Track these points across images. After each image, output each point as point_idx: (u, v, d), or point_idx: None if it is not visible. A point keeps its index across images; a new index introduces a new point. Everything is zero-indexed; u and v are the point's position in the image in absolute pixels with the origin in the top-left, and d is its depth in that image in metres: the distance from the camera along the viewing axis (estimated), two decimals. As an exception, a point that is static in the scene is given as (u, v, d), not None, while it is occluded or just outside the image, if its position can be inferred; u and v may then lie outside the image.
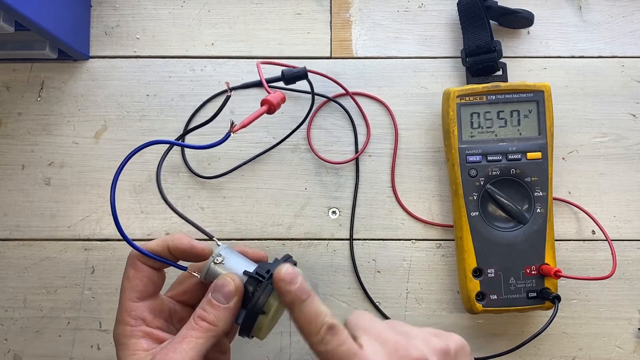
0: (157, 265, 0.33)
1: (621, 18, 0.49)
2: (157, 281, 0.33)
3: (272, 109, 0.37)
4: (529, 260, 0.43)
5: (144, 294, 0.32)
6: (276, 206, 0.47)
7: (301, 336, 0.30)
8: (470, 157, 0.44)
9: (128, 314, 0.32)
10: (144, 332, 0.31)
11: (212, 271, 0.33)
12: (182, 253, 0.33)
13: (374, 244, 0.47)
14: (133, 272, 0.32)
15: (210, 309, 0.31)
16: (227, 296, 0.31)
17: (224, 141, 0.33)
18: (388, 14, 0.50)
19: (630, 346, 0.45)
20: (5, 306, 0.46)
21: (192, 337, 0.30)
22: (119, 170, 0.30)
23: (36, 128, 0.48)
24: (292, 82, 0.44)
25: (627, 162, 0.47)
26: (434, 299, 0.46)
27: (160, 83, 0.49)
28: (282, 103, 0.39)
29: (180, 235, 0.33)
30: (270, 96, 0.37)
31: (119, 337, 0.31)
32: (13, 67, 0.49)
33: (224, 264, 0.33)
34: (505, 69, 0.47)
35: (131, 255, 0.33)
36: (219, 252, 0.33)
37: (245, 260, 0.34)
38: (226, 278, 0.32)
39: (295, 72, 0.44)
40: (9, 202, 0.47)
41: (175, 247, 0.33)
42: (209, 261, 0.33)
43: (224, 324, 0.31)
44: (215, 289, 0.31)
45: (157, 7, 0.50)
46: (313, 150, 0.48)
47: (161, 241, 0.33)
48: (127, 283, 0.32)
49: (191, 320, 0.31)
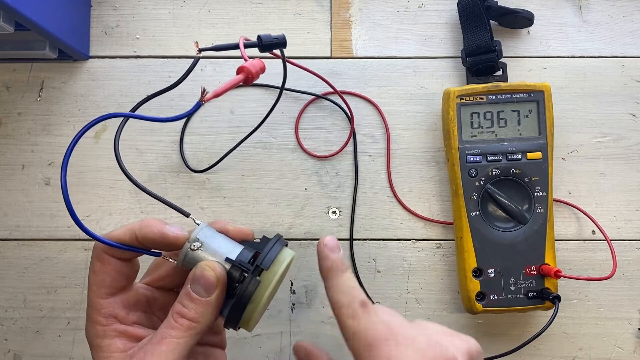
0: (125, 256, 0.29)
1: (621, 18, 0.49)
2: (128, 273, 0.30)
3: (250, 78, 0.32)
4: (529, 260, 0.43)
5: (113, 289, 0.29)
6: (276, 206, 0.47)
7: (331, 307, 0.29)
8: (470, 157, 0.44)
9: (98, 312, 0.28)
10: (117, 331, 0.28)
11: (191, 257, 0.29)
12: (152, 243, 0.28)
13: (374, 244, 0.47)
14: (99, 266, 0.28)
15: (190, 304, 0.27)
16: (207, 288, 0.28)
17: (193, 112, 0.29)
18: (388, 14, 0.50)
19: (630, 346, 0.45)
20: (5, 306, 0.46)
21: (171, 338, 0.27)
22: (72, 145, 0.26)
23: (36, 128, 0.48)
24: (268, 49, 0.38)
25: (627, 162, 0.47)
26: (434, 299, 0.46)
27: (160, 83, 0.49)
28: (262, 73, 0.33)
29: (150, 221, 0.28)
30: (247, 63, 0.32)
31: (91, 338, 0.28)
32: (13, 67, 0.49)
33: (203, 249, 0.29)
34: (505, 69, 0.47)
35: (96, 246, 0.29)
36: (197, 237, 0.29)
37: (227, 241, 0.30)
38: (205, 268, 0.28)
39: (273, 38, 0.38)
40: (9, 202, 0.47)
41: (143, 236, 0.28)
42: (185, 247, 0.29)
43: (207, 320, 0.28)
44: (194, 280, 0.28)
45: (157, 7, 0.50)
46: (300, 144, 0.48)
47: (127, 228, 0.28)
48: (94, 278, 0.29)
49: (170, 317, 0.28)
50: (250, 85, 0.48)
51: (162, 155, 0.48)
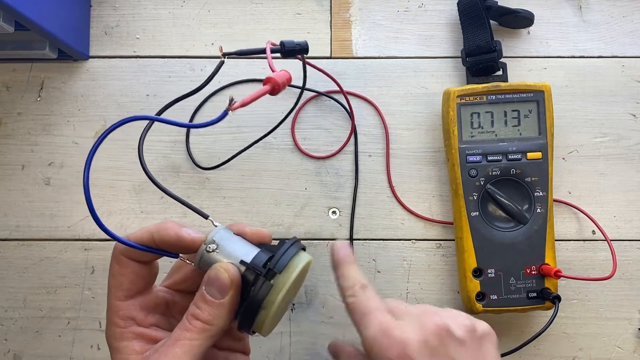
0: (144, 259, 0.29)
1: (621, 18, 0.49)
2: (147, 276, 0.30)
3: (277, 90, 0.32)
4: (529, 260, 0.43)
5: (132, 292, 0.29)
6: (276, 206, 0.47)
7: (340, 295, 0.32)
8: (470, 157, 0.44)
9: (116, 315, 0.29)
10: (135, 334, 0.29)
11: (206, 259, 0.29)
12: (169, 245, 0.29)
13: (374, 244, 0.47)
14: (117, 268, 0.29)
15: (204, 306, 0.28)
16: (221, 290, 0.28)
17: (220, 119, 0.29)
18: (388, 14, 0.50)
19: (630, 346, 0.45)
20: (5, 306, 0.46)
21: (185, 340, 0.27)
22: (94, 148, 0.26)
23: (36, 128, 0.48)
24: (290, 55, 0.39)
25: (627, 162, 0.47)
26: (434, 299, 0.46)
27: (160, 83, 0.49)
28: (288, 84, 0.33)
29: (167, 224, 0.29)
30: (275, 74, 0.32)
31: (110, 340, 0.29)
32: (13, 67, 0.49)
33: (218, 251, 0.29)
34: (505, 69, 0.47)
35: (114, 249, 0.29)
36: (212, 239, 0.29)
37: (244, 243, 0.30)
38: (219, 269, 0.28)
39: (296, 45, 0.39)
40: (9, 202, 0.47)
41: (160, 239, 0.28)
42: (201, 249, 0.29)
43: (221, 322, 0.28)
44: (209, 282, 0.28)
45: (157, 7, 0.50)
46: (296, 144, 0.48)
47: (145, 231, 0.29)
48: (113, 281, 0.29)
49: (184, 320, 0.28)
50: (251, 81, 0.48)
51: (162, 155, 0.48)
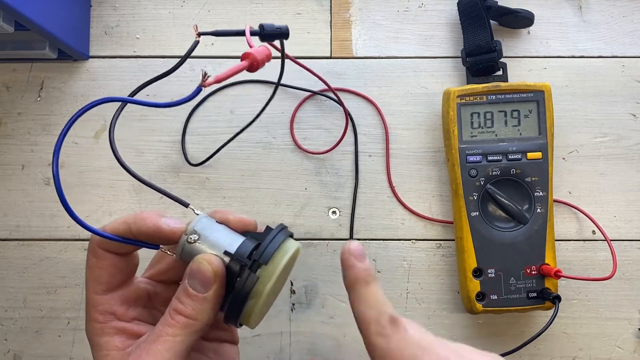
0: (122, 250, 0.28)
1: (621, 18, 0.49)
2: (126, 268, 0.29)
3: (255, 66, 0.30)
4: (529, 260, 0.43)
5: (110, 285, 0.28)
6: (276, 206, 0.47)
7: (356, 322, 0.26)
8: (470, 157, 0.44)
9: (95, 309, 0.27)
10: (116, 329, 0.27)
11: (188, 250, 0.27)
12: (147, 237, 0.27)
13: (374, 244, 0.47)
14: (94, 261, 0.27)
15: (187, 300, 0.26)
16: (204, 284, 0.26)
17: (193, 96, 0.28)
18: (388, 14, 0.50)
19: (630, 346, 0.45)
20: (5, 306, 0.46)
21: (168, 336, 0.26)
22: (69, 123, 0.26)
23: (36, 128, 0.48)
24: (270, 38, 0.36)
25: (627, 162, 0.47)
26: (434, 299, 0.46)
27: (160, 83, 0.48)
28: (267, 61, 0.31)
29: (145, 214, 0.27)
30: (253, 50, 0.30)
31: (90, 336, 0.27)
32: (13, 67, 0.49)
33: (200, 242, 0.27)
34: (505, 69, 0.47)
35: (91, 240, 0.28)
36: (194, 228, 0.27)
37: (228, 232, 0.28)
38: (202, 262, 0.26)
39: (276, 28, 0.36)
40: (9, 202, 0.47)
41: (138, 230, 0.27)
42: (182, 240, 0.27)
43: (206, 316, 0.26)
44: (191, 275, 0.26)
45: (157, 7, 0.50)
46: (295, 140, 0.48)
47: (122, 222, 0.27)
48: (90, 274, 0.27)
49: (167, 314, 0.26)
50: (251, 81, 0.48)
51: (162, 155, 0.48)
